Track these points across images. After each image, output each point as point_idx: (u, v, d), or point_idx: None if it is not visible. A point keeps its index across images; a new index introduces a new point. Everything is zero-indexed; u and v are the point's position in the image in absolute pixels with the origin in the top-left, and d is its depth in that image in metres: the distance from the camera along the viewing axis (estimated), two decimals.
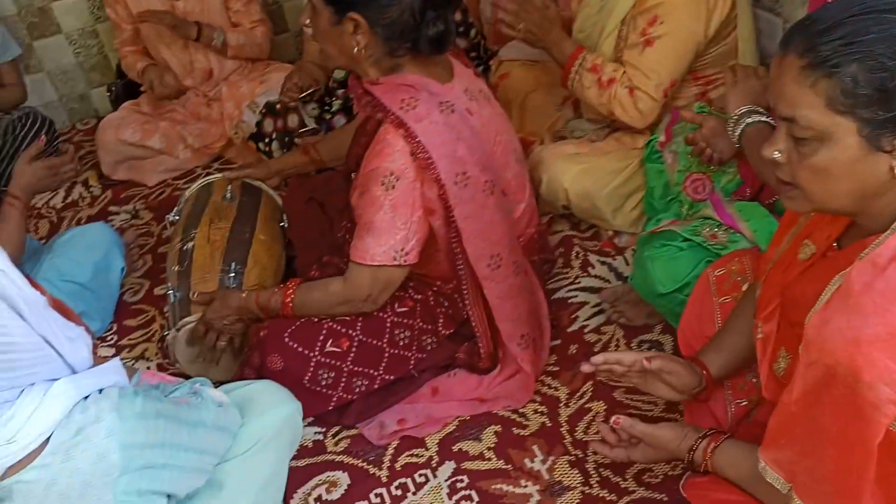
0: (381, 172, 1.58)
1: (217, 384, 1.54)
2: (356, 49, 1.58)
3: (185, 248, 2.04)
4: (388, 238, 1.61)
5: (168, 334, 1.93)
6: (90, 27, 3.23)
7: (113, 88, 3.13)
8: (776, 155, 1.05)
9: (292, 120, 2.65)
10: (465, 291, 1.73)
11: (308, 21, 1.66)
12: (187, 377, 1.93)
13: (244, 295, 1.80)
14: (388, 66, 1.62)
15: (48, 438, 1.05)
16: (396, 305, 1.80)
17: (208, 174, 2.78)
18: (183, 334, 1.90)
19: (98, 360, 1.18)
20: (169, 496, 1.21)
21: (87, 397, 1.10)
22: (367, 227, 1.62)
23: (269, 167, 2.24)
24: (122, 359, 1.43)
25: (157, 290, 2.36)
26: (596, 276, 2.08)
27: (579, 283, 2.06)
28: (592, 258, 2.12)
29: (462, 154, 1.60)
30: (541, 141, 2.24)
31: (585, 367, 1.41)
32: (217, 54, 2.84)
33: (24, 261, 2.09)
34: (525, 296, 1.80)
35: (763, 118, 1.54)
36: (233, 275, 1.96)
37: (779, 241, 1.28)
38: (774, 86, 1.03)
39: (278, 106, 2.65)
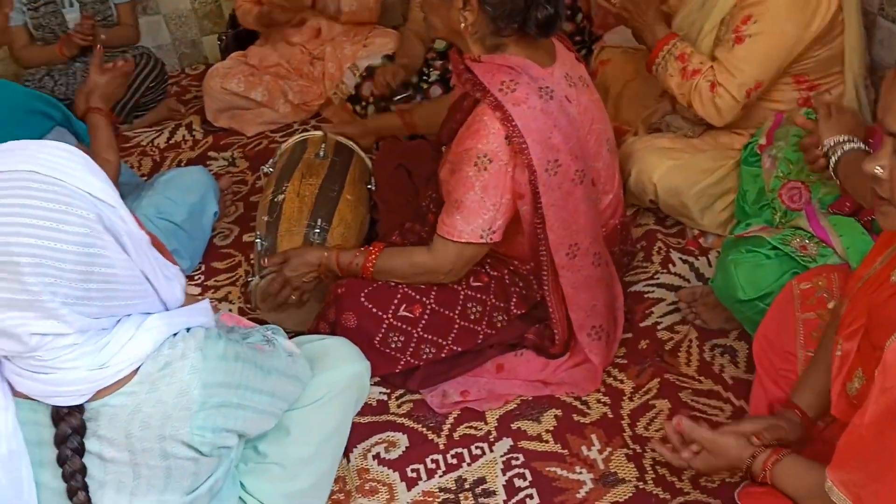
0: (474, 153, 1.59)
1: (292, 334, 1.60)
2: (462, 24, 1.60)
3: (275, 199, 2.11)
4: (476, 217, 1.63)
5: (252, 280, 2.01)
6: None
7: (223, 38, 3.23)
8: (878, 170, 1.02)
9: (395, 84, 2.68)
10: (545, 276, 1.74)
11: None
12: (263, 323, 2.04)
13: (326, 253, 1.86)
14: (491, 44, 1.63)
15: (137, 368, 1.12)
16: (472, 279, 1.82)
17: (305, 130, 2.87)
18: (264, 283, 1.97)
19: (187, 299, 1.24)
20: (240, 435, 1.28)
21: (175, 334, 1.17)
22: (456, 205, 1.64)
23: (364, 126, 2.30)
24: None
25: (246, 237, 2.45)
26: (676, 274, 2.05)
27: (658, 278, 2.04)
28: (674, 255, 2.09)
29: (556, 142, 1.60)
30: (634, 132, 2.21)
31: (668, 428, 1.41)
32: (331, 20, 2.90)
33: (126, 194, 2.20)
34: (601, 287, 1.80)
35: (860, 146, 1.51)
36: (318, 231, 2.02)
37: (872, 260, 1.25)
38: (885, 98, 1.01)
39: (374, 92, 2.69)
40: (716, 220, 2.07)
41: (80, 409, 1.10)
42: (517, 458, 1.69)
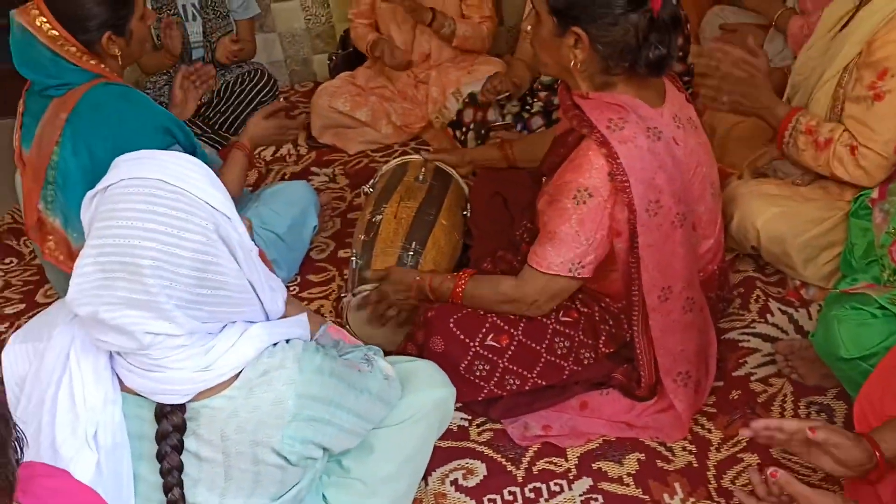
0: (574, 186, 1.60)
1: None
2: (573, 62, 1.61)
3: (373, 219, 2.16)
4: (568, 250, 1.63)
5: (345, 297, 2.06)
6: None
7: (333, 58, 3.34)
8: None
9: (491, 114, 2.72)
10: (635, 317, 1.72)
11: (530, 28, 1.71)
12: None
13: (420, 276, 1.89)
14: (600, 81, 1.63)
15: (238, 374, 1.17)
16: (561, 314, 1.81)
17: (405, 152, 2.93)
18: (357, 299, 2.02)
19: (295, 308, 1.29)
20: (325, 450, 1.31)
21: (275, 344, 1.21)
22: (549, 236, 1.65)
23: (463, 155, 2.33)
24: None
25: (341, 253, 2.52)
26: (773, 325, 1.99)
27: (754, 328, 1.98)
28: (773, 305, 2.03)
29: (660, 183, 1.59)
30: (739, 175, 2.16)
31: (745, 432, 1.36)
32: (442, 41, 2.97)
33: (234, 203, 2.30)
34: (693, 333, 1.77)
35: None
36: (412, 253, 2.06)
37: None
38: None
39: (480, 98, 2.73)
40: (819, 272, 2.00)
41: (182, 408, 1.16)
42: (596, 499, 1.66)
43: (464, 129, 2.77)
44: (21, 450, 0.85)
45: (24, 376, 1.22)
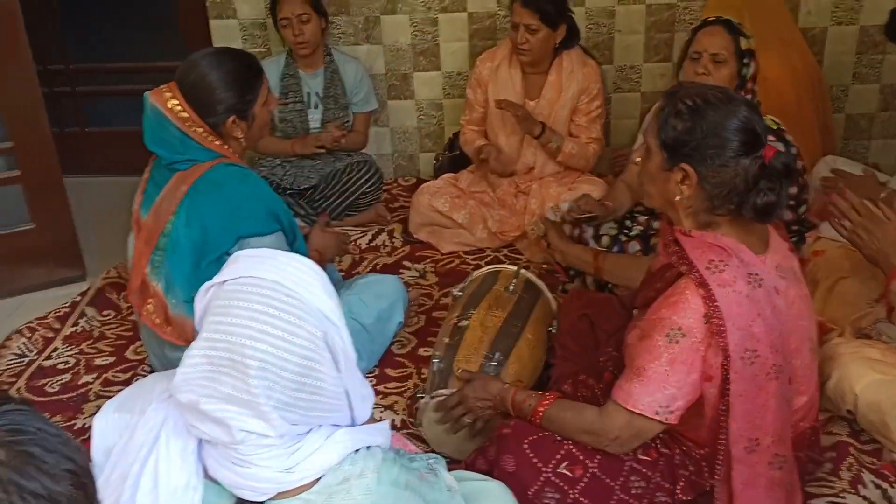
0: (668, 324, 1.58)
1: (448, 462, 1.61)
2: (678, 197, 1.62)
3: (460, 324, 2.17)
4: (655, 391, 1.60)
5: (422, 397, 2.06)
6: (438, 100, 3.60)
7: (439, 158, 3.45)
8: None
9: (588, 233, 2.73)
10: (719, 466, 1.65)
11: (639, 160, 1.73)
12: (421, 441, 2.07)
13: (505, 386, 1.88)
14: (704, 220, 1.63)
15: (319, 478, 1.17)
16: (640, 452, 1.76)
17: (497, 259, 2.97)
18: (434, 403, 2.01)
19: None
20: None
21: (357, 451, 1.22)
22: (637, 373, 1.62)
23: (561, 240, 2.36)
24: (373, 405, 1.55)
25: (422, 351, 2.53)
26: (864, 498, 1.87)
27: (844, 498, 1.86)
28: (866, 476, 1.91)
29: (757, 331, 1.55)
30: (840, 332, 2.09)
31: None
32: (548, 155, 3.04)
33: None
34: (776, 491, 1.67)
35: None
36: (494, 363, 2.05)
37: None
38: None
39: (565, 215, 2.76)
40: None
41: None
42: None
43: None
44: None
45: (112, 447, 1.25)
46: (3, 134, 2.89)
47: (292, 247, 2.16)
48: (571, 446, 1.75)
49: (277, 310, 1.11)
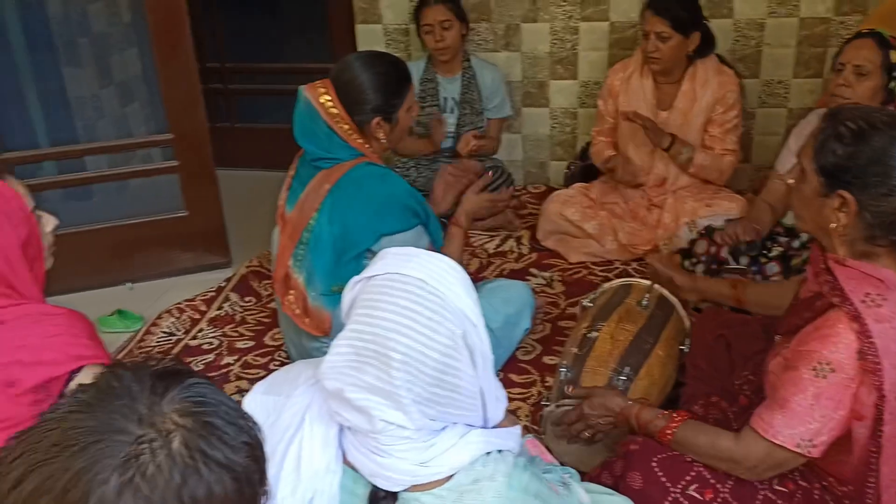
0: (816, 357, 1.50)
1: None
2: (833, 225, 1.54)
3: (589, 335, 2.15)
4: (799, 424, 1.52)
5: (547, 406, 2.06)
6: (573, 109, 3.59)
7: (571, 167, 3.44)
8: None
9: (725, 251, 2.65)
10: None
11: (791, 181, 1.66)
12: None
13: (629, 403, 1.85)
14: (861, 250, 1.54)
15: (451, 476, 1.20)
16: (776, 482, 1.69)
17: (625, 272, 2.92)
18: (559, 413, 2.01)
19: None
20: None
21: (489, 453, 1.24)
22: (780, 404, 1.55)
23: (693, 281, 2.27)
24: None
25: (546, 359, 2.53)
26: None
27: None
28: None
29: None
30: None
31: None
32: (678, 168, 2.97)
33: None
34: None
35: None
36: (623, 378, 2.03)
37: None
38: None
39: (717, 240, 2.67)
40: None
41: (394, 496, 1.20)
42: None
43: (693, 261, 2.72)
44: (266, 502, 0.91)
45: (261, 427, 1.32)
46: (164, 126, 3.11)
47: (427, 229, 2.22)
48: (703, 468, 1.70)
49: (421, 306, 1.15)
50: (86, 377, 1.46)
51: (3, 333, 1.47)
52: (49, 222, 1.66)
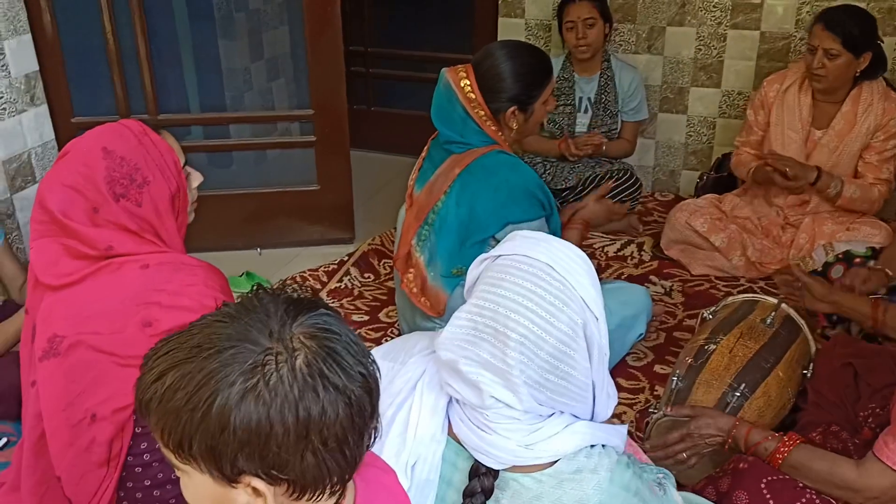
0: None
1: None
2: None
3: (706, 346, 2.09)
4: None
5: (655, 412, 2.01)
6: (712, 118, 3.48)
7: (704, 177, 3.33)
8: None
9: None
10: None
11: None
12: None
13: (738, 423, 1.79)
14: None
15: (553, 463, 1.20)
16: None
17: (750, 289, 2.81)
18: (667, 421, 1.96)
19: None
20: None
21: (593, 446, 1.23)
22: None
23: (830, 291, 2.17)
24: None
25: (657, 368, 2.48)
26: None
27: None
28: None
29: None
30: None
31: None
32: (824, 201, 2.84)
33: None
34: None
35: None
36: (738, 395, 1.96)
37: None
38: None
39: (857, 260, 2.53)
40: None
41: (495, 473, 1.21)
42: None
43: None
44: (375, 439, 0.95)
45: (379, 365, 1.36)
46: (306, 102, 3.24)
47: (549, 221, 2.22)
48: (815, 496, 1.62)
49: (545, 290, 1.15)
50: None
51: (146, 276, 1.57)
52: (196, 178, 1.77)
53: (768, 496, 1.65)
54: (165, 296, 1.55)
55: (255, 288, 0.96)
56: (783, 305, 2.19)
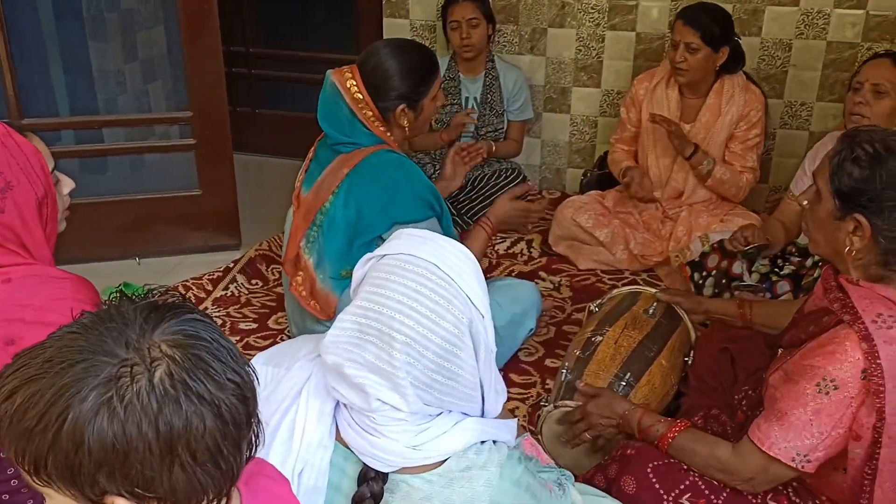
0: (821, 374, 1.48)
1: None
2: (847, 248, 1.51)
3: (593, 338, 2.14)
4: (795, 438, 1.51)
5: (545, 406, 2.04)
6: (593, 117, 3.58)
7: (587, 174, 3.42)
8: None
9: (737, 267, 2.63)
10: None
11: (806, 203, 1.64)
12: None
13: (633, 406, 1.84)
14: (875, 274, 1.51)
15: (443, 461, 1.19)
16: (770, 496, 1.67)
17: (634, 281, 2.91)
18: (557, 413, 2.00)
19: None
20: None
21: (483, 442, 1.23)
22: (778, 416, 1.53)
23: (699, 303, 2.26)
24: None
25: (548, 362, 2.52)
26: None
27: None
28: None
29: None
30: None
31: None
32: (697, 179, 2.96)
33: None
34: None
35: None
36: (624, 384, 2.01)
37: None
38: None
39: (728, 246, 2.66)
40: None
41: (384, 477, 1.19)
42: None
43: (704, 274, 2.70)
44: (255, 447, 0.91)
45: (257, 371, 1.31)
46: (184, 104, 3.12)
47: (440, 222, 2.22)
48: (697, 478, 1.69)
49: (430, 290, 1.14)
50: None
51: (8, 291, 1.47)
52: (66, 184, 1.67)
53: (654, 480, 1.70)
54: (30, 311, 1.45)
55: (112, 294, 0.90)
56: (666, 296, 2.27)
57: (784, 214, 2.66)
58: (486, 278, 2.72)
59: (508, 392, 2.34)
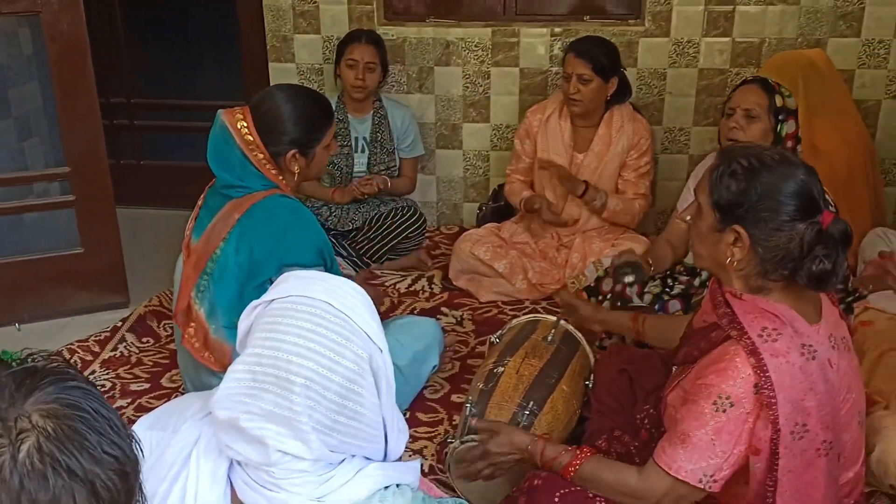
0: (716, 392, 1.51)
1: None
2: (729, 259, 1.57)
3: (495, 370, 2.14)
4: (700, 459, 1.53)
5: (452, 442, 2.02)
6: (485, 152, 3.64)
7: (483, 208, 3.47)
8: None
9: (632, 290, 2.70)
10: None
11: (689, 218, 1.70)
12: (449, 487, 2.04)
13: (535, 438, 1.83)
14: (756, 284, 1.57)
15: None
16: None
17: (535, 310, 2.95)
18: (463, 448, 1.98)
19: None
20: None
21: (387, 487, 1.20)
22: (681, 438, 1.56)
23: (596, 311, 2.32)
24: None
25: (454, 398, 2.51)
26: None
27: None
28: None
29: (809, 405, 1.49)
30: (886, 405, 2.02)
31: None
32: (591, 213, 3.04)
33: None
34: None
35: None
36: (527, 413, 2.02)
37: None
38: None
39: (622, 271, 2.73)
40: None
41: None
42: None
43: (600, 298, 2.76)
44: None
45: (142, 444, 1.24)
46: (61, 159, 2.99)
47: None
48: (604, 502, 1.70)
49: (326, 329, 1.11)
50: None
51: None
52: None
53: None
54: None
55: None
56: (562, 322, 2.30)
57: (672, 234, 2.75)
58: (386, 318, 2.74)
59: (416, 432, 2.34)
